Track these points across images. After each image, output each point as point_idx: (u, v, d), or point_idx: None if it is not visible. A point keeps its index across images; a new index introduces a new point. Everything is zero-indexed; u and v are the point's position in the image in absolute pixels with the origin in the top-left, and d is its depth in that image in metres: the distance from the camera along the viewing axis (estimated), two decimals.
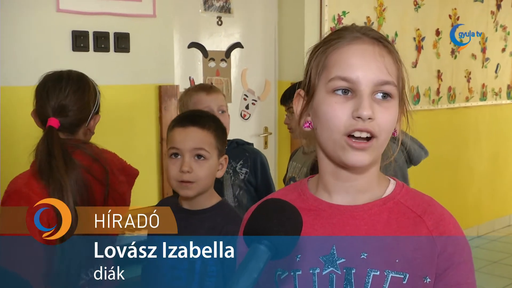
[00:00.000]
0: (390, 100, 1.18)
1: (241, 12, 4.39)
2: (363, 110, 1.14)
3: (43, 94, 1.99)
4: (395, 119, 1.20)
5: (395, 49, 1.21)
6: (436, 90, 5.70)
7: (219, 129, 2.00)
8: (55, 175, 1.91)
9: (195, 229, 1.93)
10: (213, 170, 1.95)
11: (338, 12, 4.66)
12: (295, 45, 4.50)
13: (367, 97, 1.15)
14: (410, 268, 1.17)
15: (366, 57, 1.17)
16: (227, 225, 1.89)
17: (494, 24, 6.26)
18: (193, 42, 4.13)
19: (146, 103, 3.59)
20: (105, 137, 2.19)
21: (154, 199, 3.63)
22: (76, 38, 3.26)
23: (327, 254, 1.20)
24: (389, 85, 1.17)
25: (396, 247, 1.18)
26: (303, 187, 1.29)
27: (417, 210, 1.21)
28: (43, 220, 1.88)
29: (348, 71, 1.17)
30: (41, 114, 1.99)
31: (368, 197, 1.24)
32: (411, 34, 5.34)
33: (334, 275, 1.19)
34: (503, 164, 6.67)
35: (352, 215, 1.21)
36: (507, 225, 6.76)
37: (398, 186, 1.27)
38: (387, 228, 1.20)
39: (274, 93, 4.63)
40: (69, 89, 2.01)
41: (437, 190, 5.28)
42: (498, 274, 5.26)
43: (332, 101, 1.18)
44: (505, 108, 6.61)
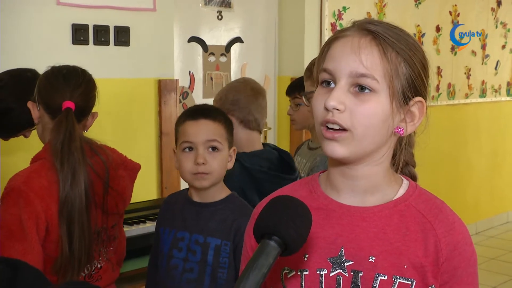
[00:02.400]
0: (369, 93, 1.14)
1: (241, 7, 4.38)
2: (329, 101, 1.13)
3: (59, 78, 1.98)
4: (376, 115, 1.15)
5: (393, 42, 1.16)
6: (435, 86, 5.70)
7: (227, 121, 2.03)
8: (71, 159, 1.90)
9: (207, 222, 1.96)
10: (225, 161, 1.98)
11: (339, 8, 4.65)
12: (295, 41, 4.49)
13: (339, 88, 1.14)
14: (418, 275, 1.16)
15: (346, 49, 1.16)
16: (239, 218, 1.91)
17: (494, 21, 6.26)
18: (193, 37, 4.13)
19: (145, 97, 3.59)
20: (103, 131, 2.19)
21: (153, 193, 3.63)
22: (76, 31, 3.26)
23: (335, 255, 1.19)
24: (365, 78, 1.14)
25: (405, 252, 1.16)
26: (315, 183, 1.27)
27: (428, 215, 1.19)
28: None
29: (329, 63, 1.17)
30: (54, 99, 1.96)
31: (378, 198, 1.21)
32: (411, 30, 5.33)
33: (342, 278, 1.18)
34: (502, 161, 6.68)
35: (362, 217, 1.19)
36: (505, 222, 6.78)
37: (411, 187, 1.25)
38: (396, 232, 1.18)
39: (273, 88, 4.62)
40: (83, 78, 2.03)
41: (436, 187, 5.27)
42: (496, 270, 5.27)
43: (317, 92, 1.19)
44: (505, 105, 6.62)
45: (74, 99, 1.96)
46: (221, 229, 1.93)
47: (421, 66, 1.20)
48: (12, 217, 1.84)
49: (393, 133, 1.20)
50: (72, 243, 1.89)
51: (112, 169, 2.04)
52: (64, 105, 1.94)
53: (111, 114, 3.29)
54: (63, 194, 1.89)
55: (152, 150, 3.61)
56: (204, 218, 1.97)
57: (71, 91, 1.97)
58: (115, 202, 2.06)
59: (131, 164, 2.16)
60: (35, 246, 1.85)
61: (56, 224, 1.89)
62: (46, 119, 2.00)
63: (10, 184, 1.89)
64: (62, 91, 1.97)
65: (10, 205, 1.85)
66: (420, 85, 1.20)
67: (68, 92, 1.97)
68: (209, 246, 1.93)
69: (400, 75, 1.17)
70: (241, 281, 0.96)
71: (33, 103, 2.02)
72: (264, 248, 1.00)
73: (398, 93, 1.17)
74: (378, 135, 1.17)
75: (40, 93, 2.00)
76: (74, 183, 1.90)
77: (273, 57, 4.63)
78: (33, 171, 1.92)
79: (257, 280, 0.96)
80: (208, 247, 1.93)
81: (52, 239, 1.90)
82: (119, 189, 2.07)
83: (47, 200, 1.88)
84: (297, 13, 4.50)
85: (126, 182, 2.12)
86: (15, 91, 2.32)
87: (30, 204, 1.85)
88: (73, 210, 1.89)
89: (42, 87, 2.00)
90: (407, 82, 1.17)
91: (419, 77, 1.19)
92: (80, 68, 2.06)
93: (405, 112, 1.19)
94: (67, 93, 1.96)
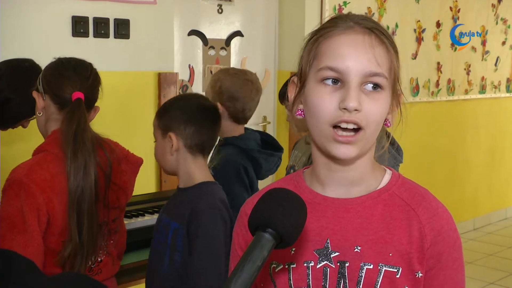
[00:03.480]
0: (380, 91, 1.15)
1: (241, 1, 4.38)
2: (349, 101, 1.12)
3: (69, 69, 1.98)
4: (384, 111, 1.17)
5: (389, 39, 1.18)
6: (435, 82, 5.69)
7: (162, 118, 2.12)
8: (84, 149, 1.90)
9: (173, 207, 2.08)
10: (163, 150, 2.07)
11: (339, 2, 4.65)
12: (295, 35, 4.49)
13: (355, 88, 1.13)
14: (403, 262, 1.16)
15: (356, 48, 1.15)
16: (193, 203, 1.97)
17: (494, 17, 6.26)
18: (193, 30, 4.12)
19: (145, 90, 3.59)
20: (103, 123, 2.18)
21: (152, 186, 3.64)
22: (76, 23, 3.25)
23: (321, 247, 1.20)
24: (378, 77, 1.15)
25: (390, 241, 1.17)
26: (299, 178, 1.28)
27: (411, 202, 1.20)
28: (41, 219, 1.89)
29: (337, 61, 1.15)
30: (64, 89, 1.95)
31: (362, 189, 1.22)
32: (411, 25, 5.33)
33: (328, 269, 1.18)
34: (501, 158, 6.68)
35: (346, 208, 1.20)
36: (503, 219, 6.78)
37: (394, 176, 1.25)
38: (381, 221, 1.19)
39: (273, 83, 4.62)
40: (91, 71, 2.02)
41: (434, 183, 5.29)
42: (493, 266, 5.28)
43: (321, 91, 1.16)
44: (504, 101, 6.62)
45: (84, 90, 1.96)
46: (179, 213, 1.99)
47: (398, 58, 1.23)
48: (13, 209, 1.84)
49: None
50: (82, 234, 1.90)
51: (115, 163, 2.04)
52: (75, 95, 1.93)
53: (111, 107, 3.28)
54: (74, 184, 1.88)
55: (151, 144, 3.61)
56: (174, 202, 2.08)
57: (81, 82, 1.96)
58: (117, 196, 2.06)
59: (133, 158, 2.16)
60: (36, 238, 1.85)
61: (57, 217, 1.88)
62: (52, 109, 1.98)
63: (12, 176, 1.89)
64: (73, 81, 1.95)
65: (12, 197, 1.85)
66: (399, 78, 1.23)
67: (78, 83, 1.95)
68: (170, 229, 2.01)
69: (395, 71, 1.19)
70: (235, 274, 0.95)
71: (38, 93, 2.00)
72: (259, 240, 0.99)
73: (395, 87, 1.20)
74: (379, 130, 1.19)
75: (49, 83, 1.98)
76: (85, 173, 1.90)
77: (273, 51, 4.62)
78: (35, 163, 1.91)
79: (252, 273, 0.96)
80: (169, 230, 2.01)
81: (53, 232, 1.90)
82: (120, 183, 2.07)
83: (49, 192, 1.87)
84: (298, 7, 4.50)
85: (128, 176, 2.12)
86: (13, 81, 2.31)
87: (31, 196, 1.85)
88: (83, 201, 1.89)
89: (50, 77, 1.98)
90: (396, 77, 1.20)
91: (399, 71, 1.22)
92: (87, 61, 2.05)
93: (394, 104, 1.22)
94: (77, 84, 1.95)
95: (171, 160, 2.05)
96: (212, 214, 1.96)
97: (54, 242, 1.90)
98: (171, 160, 2.05)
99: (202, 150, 2.07)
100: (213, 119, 2.12)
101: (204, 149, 2.08)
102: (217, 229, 1.95)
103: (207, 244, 1.92)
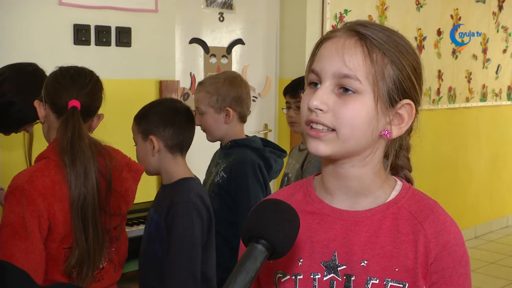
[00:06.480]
0: (352, 95, 1.13)
1: (243, 9, 4.39)
2: (311, 101, 1.14)
3: (67, 77, 1.99)
4: (361, 116, 1.13)
5: (380, 43, 1.15)
6: (436, 90, 5.70)
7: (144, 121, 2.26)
8: (82, 157, 1.91)
9: (157, 201, 2.28)
10: (143, 153, 2.24)
11: (340, 10, 4.66)
12: (296, 43, 4.50)
13: (324, 89, 1.14)
14: (409, 277, 1.15)
15: (332, 50, 1.15)
16: (169, 197, 2.16)
17: (495, 25, 6.27)
18: (194, 38, 4.13)
19: (146, 98, 3.56)
20: (104, 130, 2.19)
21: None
22: (77, 31, 3.26)
23: (328, 260, 1.19)
24: (348, 79, 1.13)
25: (396, 255, 1.16)
26: (309, 187, 1.27)
27: (419, 216, 1.18)
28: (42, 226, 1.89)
29: (316, 63, 1.18)
30: (60, 98, 1.96)
31: (370, 201, 1.21)
32: (412, 33, 5.34)
33: (335, 282, 1.18)
34: (502, 166, 6.67)
35: (355, 221, 1.19)
36: (504, 226, 6.77)
37: (404, 189, 1.24)
38: (388, 235, 1.18)
39: (274, 90, 4.63)
40: (90, 78, 2.03)
41: (436, 190, 5.28)
42: (495, 275, 5.27)
43: (305, 92, 1.19)
44: (505, 109, 6.62)
45: (80, 99, 1.97)
46: (160, 206, 2.20)
47: (411, 68, 1.18)
48: (15, 215, 1.85)
49: (380, 135, 1.18)
50: (88, 241, 1.91)
51: (116, 171, 2.05)
52: (70, 104, 1.95)
53: (112, 115, 3.27)
54: (76, 192, 1.89)
55: None
56: (159, 198, 2.30)
57: (77, 90, 1.98)
58: (118, 204, 2.07)
59: (135, 166, 2.16)
60: (37, 244, 1.86)
61: (58, 223, 1.89)
62: (52, 118, 2.01)
63: (13, 183, 1.90)
64: (69, 90, 1.97)
65: (14, 203, 1.87)
66: (409, 87, 1.18)
67: (74, 91, 1.97)
68: (153, 221, 2.21)
69: (386, 77, 1.15)
70: (228, 285, 0.96)
71: (39, 102, 2.02)
72: (252, 251, 1.00)
73: (383, 95, 1.15)
74: (364, 136, 1.16)
75: (47, 92, 2.00)
76: (86, 180, 1.91)
77: (274, 59, 4.63)
78: (37, 170, 1.93)
79: (245, 284, 0.96)
80: (153, 222, 2.22)
81: (54, 238, 1.90)
82: (122, 191, 2.07)
83: (50, 199, 1.88)
84: (299, 15, 4.51)
85: (130, 183, 2.13)
86: (16, 85, 2.32)
87: (33, 203, 1.86)
88: (87, 208, 1.91)
89: (49, 86, 2.01)
90: (394, 84, 1.16)
91: (408, 80, 1.18)
92: (88, 69, 2.07)
93: (393, 115, 1.18)
94: (73, 92, 1.97)
95: (153, 160, 2.23)
96: (186, 207, 2.13)
97: (55, 249, 1.91)
98: (153, 160, 2.23)
99: (181, 149, 2.25)
100: (188, 120, 2.28)
101: (183, 148, 2.26)
102: (190, 221, 2.12)
103: (181, 235, 2.10)
